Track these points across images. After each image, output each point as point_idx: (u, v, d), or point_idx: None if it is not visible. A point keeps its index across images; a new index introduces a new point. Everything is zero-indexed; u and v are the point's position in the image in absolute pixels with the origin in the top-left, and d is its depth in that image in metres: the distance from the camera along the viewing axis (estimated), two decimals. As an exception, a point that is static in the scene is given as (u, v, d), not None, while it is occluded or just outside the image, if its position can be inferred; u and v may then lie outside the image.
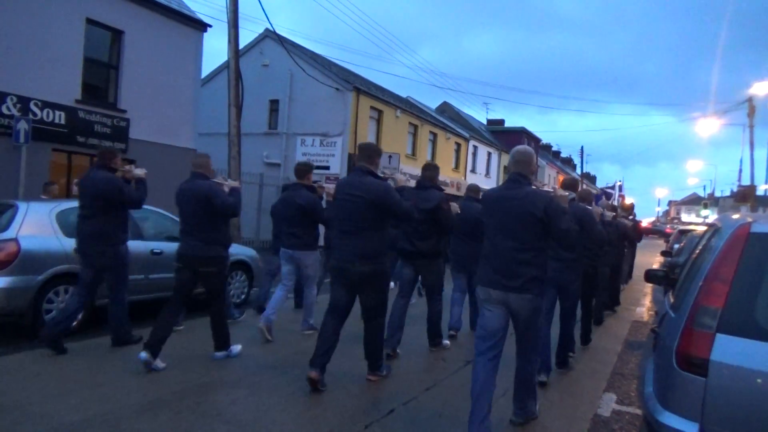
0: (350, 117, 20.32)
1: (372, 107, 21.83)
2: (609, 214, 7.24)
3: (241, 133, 12.36)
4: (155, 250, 6.95)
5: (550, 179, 47.29)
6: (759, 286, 2.52)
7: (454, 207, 5.80)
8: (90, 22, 12.16)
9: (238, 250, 8.41)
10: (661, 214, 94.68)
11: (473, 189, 6.94)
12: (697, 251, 3.52)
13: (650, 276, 4.18)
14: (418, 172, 24.65)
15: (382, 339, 4.78)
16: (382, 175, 4.61)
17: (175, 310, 5.05)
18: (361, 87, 21.26)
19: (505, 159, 36.51)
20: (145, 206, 7.83)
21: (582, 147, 58.60)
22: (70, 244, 6.02)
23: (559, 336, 5.45)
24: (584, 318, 6.47)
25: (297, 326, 6.55)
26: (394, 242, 5.61)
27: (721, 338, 2.47)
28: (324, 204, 6.66)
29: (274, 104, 21.52)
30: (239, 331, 6.30)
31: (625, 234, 8.96)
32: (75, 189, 7.78)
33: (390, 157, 20.01)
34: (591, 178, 67.38)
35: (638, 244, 12.25)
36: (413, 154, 24.82)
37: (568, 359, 5.52)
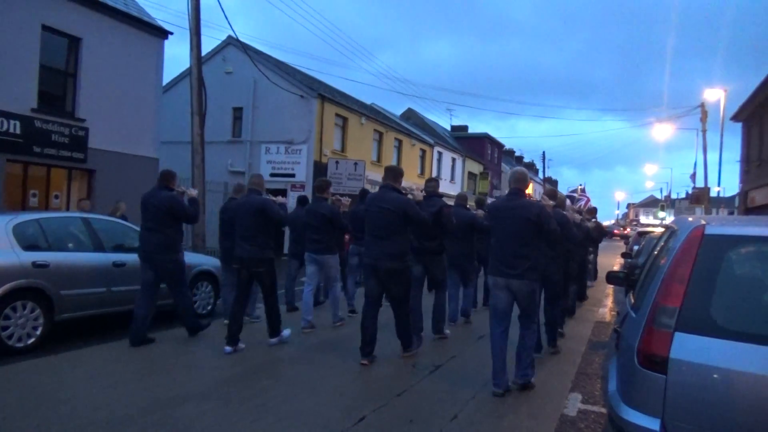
0: (315, 124, 20.26)
1: (337, 114, 21.83)
2: (577, 218, 8.21)
3: (205, 141, 12.19)
4: (117, 262, 6.78)
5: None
6: (714, 286, 2.62)
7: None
8: (46, 29, 11.82)
9: (202, 260, 8.26)
10: (620, 216, 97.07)
11: (462, 197, 8.14)
12: (656, 252, 3.65)
13: (611, 277, 4.32)
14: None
15: (408, 322, 5.79)
16: (403, 192, 5.68)
17: (242, 304, 6.08)
18: (326, 94, 21.24)
19: (469, 164, 36.96)
20: (106, 217, 7.71)
21: (544, 152, 59.76)
22: (27, 257, 5.86)
23: (545, 320, 6.39)
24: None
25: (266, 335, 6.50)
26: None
27: (679, 336, 2.56)
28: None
29: (238, 112, 21.29)
30: (206, 341, 6.22)
31: (588, 235, 9.37)
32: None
33: (356, 164, 20.02)
34: (553, 183, 68.60)
35: (599, 246, 12.66)
36: (378, 160, 24.87)
37: (557, 338, 6.48)
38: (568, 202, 8.48)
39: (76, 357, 5.45)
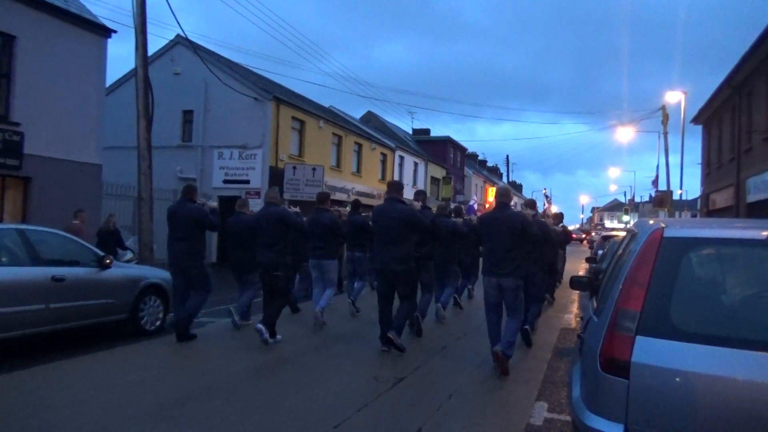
0: (270, 128, 19.80)
1: (294, 117, 21.40)
2: (550, 223, 9.15)
3: (152, 147, 11.68)
4: (57, 276, 6.34)
5: (477, 188, 47.59)
6: (673, 289, 2.59)
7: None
8: (-24, 27, 11.13)
9: (150, 273, 7.88)
10: (585, 220, 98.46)
11: (443, 207, 9.00)
12: (617, 256, 3.61)
13: (575, 282, 4.16)
14: (343, 184, 24.37)
15: (408, 315, 6.52)
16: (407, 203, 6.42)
17: (269, 304, 6.70)
18: (282, 96, 20.79)
19: (432, 169, 36.87)
20: (44, 228, 7.22)
21: (507, 156, 60.34)
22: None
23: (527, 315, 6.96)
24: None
25: (232, 346, 6.36)
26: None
27: (640, 340, 2.52)
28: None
29: (188, 115, 20.59)
30: (161, 357, 5.93)
31: (559, 238, 10.06)
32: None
33: (314, 169, 19.70)
34: (517, 187, 68.70)
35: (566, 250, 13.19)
36: (338, 165, 24.56)
37: (529, 335, 7.02)
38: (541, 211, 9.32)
39: (13, 380, 5.07)
